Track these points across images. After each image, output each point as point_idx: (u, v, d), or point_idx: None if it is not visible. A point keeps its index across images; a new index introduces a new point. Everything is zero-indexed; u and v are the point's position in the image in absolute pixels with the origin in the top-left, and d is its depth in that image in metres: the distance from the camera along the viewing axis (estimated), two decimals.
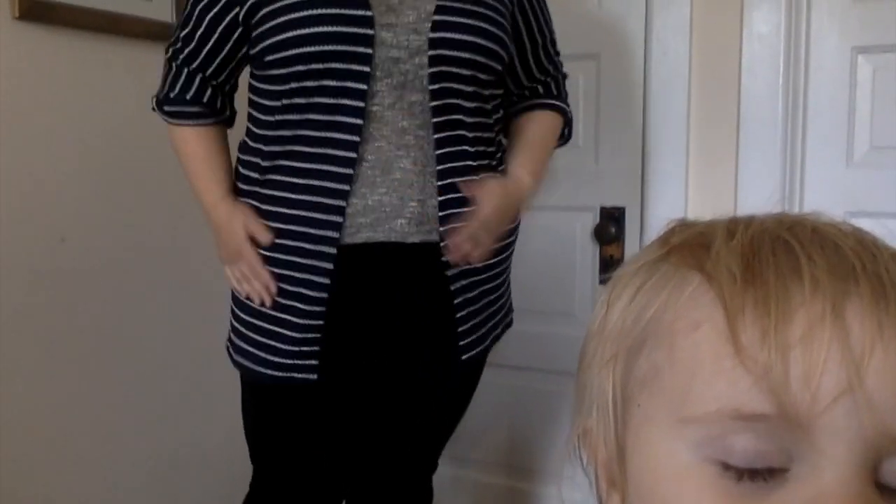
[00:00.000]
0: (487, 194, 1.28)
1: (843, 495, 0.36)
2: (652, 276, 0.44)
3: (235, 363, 1.35)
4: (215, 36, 1.29)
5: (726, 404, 0.37)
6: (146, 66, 1.47)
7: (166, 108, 1.36)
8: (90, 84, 1.69)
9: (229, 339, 1.37)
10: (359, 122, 1.22)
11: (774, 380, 0.36)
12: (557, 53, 1.45)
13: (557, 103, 1.44)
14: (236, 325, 1.34)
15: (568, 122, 1.47)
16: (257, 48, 1.25)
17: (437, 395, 1.39)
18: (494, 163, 1.35)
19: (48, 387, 1.65)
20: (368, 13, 1.21)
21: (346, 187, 1.23)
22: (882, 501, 0.37)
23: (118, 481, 1.78)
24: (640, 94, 1.77)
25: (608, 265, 1.81)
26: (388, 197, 1.25)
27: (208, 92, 1.34)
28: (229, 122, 1.40)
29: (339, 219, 1.24)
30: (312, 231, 1.25)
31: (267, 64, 1.25)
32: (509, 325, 1.47)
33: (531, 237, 1.43)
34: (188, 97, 1.33)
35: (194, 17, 1.29)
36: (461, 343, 1.33)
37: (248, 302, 1.31)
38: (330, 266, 1.25)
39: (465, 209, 1.27)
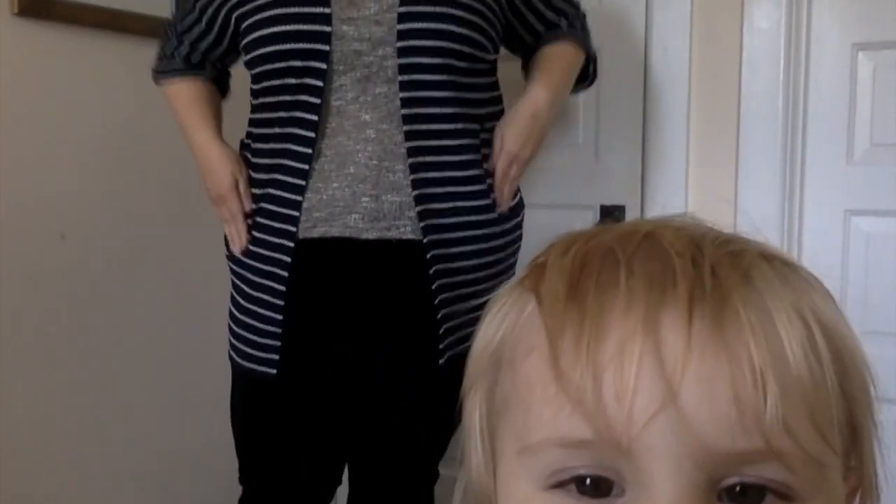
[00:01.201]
0: (503, 126, 1.29)
1: None
2: (510, 297, 0.42)
3: (229, 355, 1.38)
4: (205, 19, 1.35)
5: (552, 432, 0.36)
6: (145, 62, 1.47)
7: (159, 69, 1.42)
8: (89, 80, 1.68)
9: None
10: (314, 118, 1.24)
11: (589, 403, 0.35)
12: None
13: (570, 36, 1.38)
14: (228, 317, 1.38)
15: (591, 59, 1.42)
16: (241, 49, 1.32)
17: (410, 399, 1.33)
18: (481, 157, 1.32)
19: (47, 385, 1.64)
20: (326, 10, 1.22)
21: (302, 182, 1.26)
22: None
23: (118, 481, 1.78)
24: (640, 92, 1.76)
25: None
26: (341, 191, 1.25)
27: (199, 56, 1.39)
28: (222, 87, 1.45)
29: (295, 213, 1.26)
30: (273, 224, 1.28)
31: (246, 64, 1.32)
32: None
33: (531, 236, 1.42)
34: (179, 55, 1.39)
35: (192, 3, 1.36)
36: (441, 346, 1.28)
37: (232, 293, 1.36)
38: (288, 259, 1.27)
39: (441, 205, 1.25)
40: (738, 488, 0.35)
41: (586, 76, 1.45)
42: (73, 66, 1.66)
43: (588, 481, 0.36)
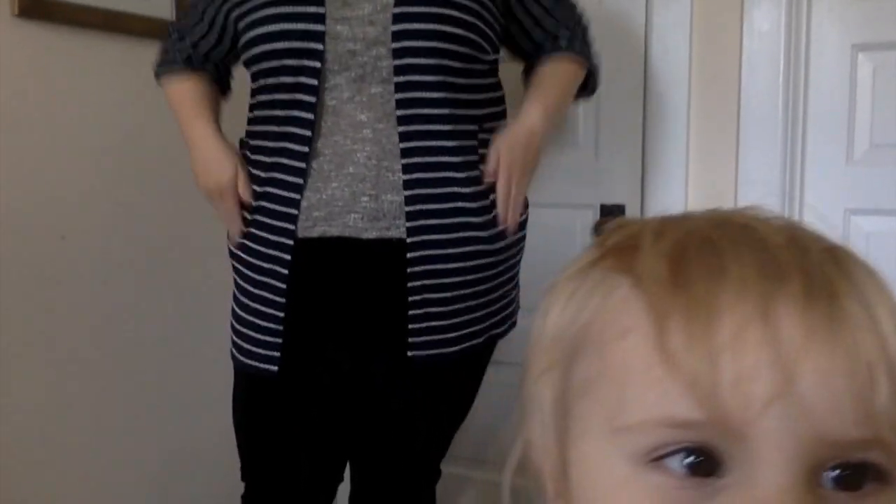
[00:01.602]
0: (496, 149, 1.28)
1: (780, 502, 0.35)
2: (584, 281, 0.42)
3: (231, 353, 1.38)
4: (207, 19, 1.37)
5: (658, 413, 0.36)
6: (145, 63, 1.47)
7: (161, 68, 1.43)
8: (90, 81, 1.69)
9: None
10: (310, 116, 1.24)
11: (704, 386, 0.35)
12: (574, 6, 1.40)
13: (570, 53, 1.37)
14: (231, 314, 1.38)
15: (591, 72, 1.42)
16: (239, 48, 1.32)
17: (409, 398, 1.32)
18: (479, 157, 1.31)
19: (48, 386, 1.65)
20: (320, 10, 1.23)
21: (300, 181, 1.26)
22: None
23: (118, 480, 1.78)
24: (640, 92, 1.77)
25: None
26: (341, 191, 1.25)
27: (200, 56, 1.40)
28: (223, 86, 1.45)
29: (294, 211, 1.27)
30: (273, 222, 1.28)
31: (244, 63, 1.32)
32: (511, 326, 1.41)
33: (530, 235, 1.42)
34: (181, 55, 1.40)
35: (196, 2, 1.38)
36: (411, 341, 1.27)
37: (234, 291, 1.36)
38: (288, 257, 1.27)
39: (437, 205, 1.25)
40: (841, 474, 0.36)
41: (586, 86, 1.44)
42: (74, 67, 1.66)
43: (693, 457, 0.36)
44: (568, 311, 0.42)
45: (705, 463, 0.36)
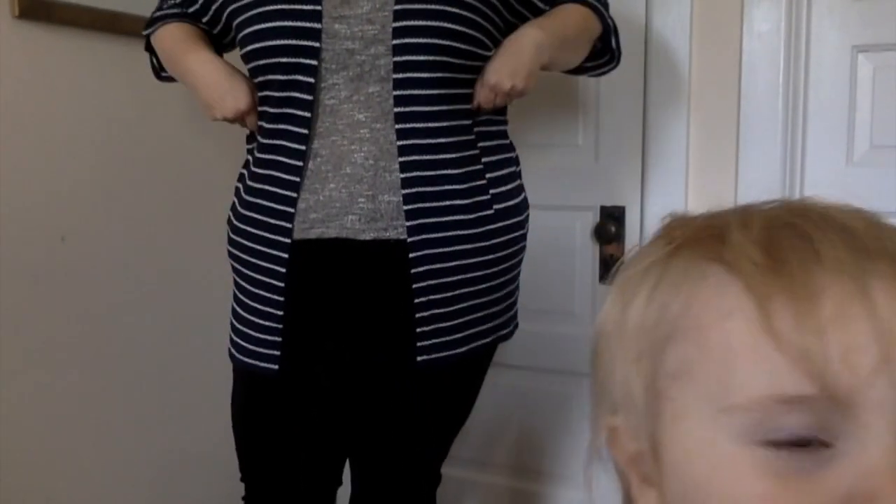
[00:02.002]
0: (487, 65, 1.26)
1: (891, 467, 0.37)
2: (667, 272, 0.44)
3: (229, 352, 1.38)
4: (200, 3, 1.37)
5: (769, 389, 0.39)
6: (145, 64, 1.47)
7: (148, 30, 1.40)
8: (90, 82, 1.68)
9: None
10: (307, 114, 1.24)
11: (814, 361, 0.37)
12: None
13: (579, 4, 1.34)
14: (231, 314, 1.38)
15: (611, 30, 1.38)
16: (238, 45, 1.31)
17: (407, 401, 1.31)
18: (478, 152, 1.30)
19: (48, 386, 1.64)
20: (317, 7, 1.22)
21: (296, 178, 1.25)
22: None
23: (118, 481, 1.78)
24: (640, 92, 1.77)
25: (608, 265, 1.81)
26: (338, 192, 1.24)
27: (189, 8, 1.38)
28: (215, 41, 1.41)
29: (290, 209, 1.26)
30: (270, 220, 1.28)
31: (242, 59, 1.31)
32: (515, 328, 1.42)
33: (531, 236, 1.42)
34: (165, 6, 1.39)
35: None
36: (419, 345, 1.26)
37: (234, 290, 1.36)
38: (285, 256, 1.26)
39: (435, 203, 1.25)
40: None
41: (608, 51, 1.40)
42: (74, 68, 1.66)
43: (802, 431, 0.38)
44: (655, 302, 0.44)
45: (814, 433, 0.38)
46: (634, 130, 1.78)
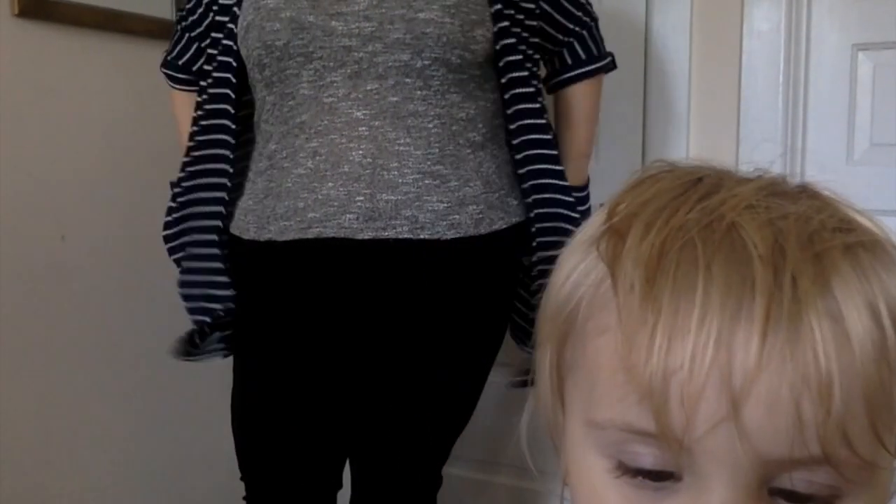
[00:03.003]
0: None
1: None
2: (585, 257, 0.44)
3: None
4: (209, 17, 1.37)
5: (618, 417, 0.39)
6: (146, 63, 1.48)
7: (163, 71, 1.45)
8: (90, 81, 1.69)
9: None
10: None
11: (655, 402, 0.37)
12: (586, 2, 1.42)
13: (591, 68, 1.42)
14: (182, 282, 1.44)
15: (608, 59, 1.45)
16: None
17: (406, 403, 1.30)
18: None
19: (47, 386, 1.64)
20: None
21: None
22: None
23: (118, 480, 1.78)
24: (640, 92, 1.77)
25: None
26: (336, 191, 1.22)
27: (201, 61, 1.39)
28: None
29: (221, 209, 1.32)
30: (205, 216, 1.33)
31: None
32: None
33: None
34: (181, 63, 1.42)
35: None
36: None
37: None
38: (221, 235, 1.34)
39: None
40: (787, 489, 0.38)
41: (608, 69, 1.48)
42: (74, 66, 1.66)
43: (651, 459, 0.39)
44: (566, 288, 0.44)
45: (662, 464, 0.39)
46: (634, 130, 1.78)
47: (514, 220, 1.33)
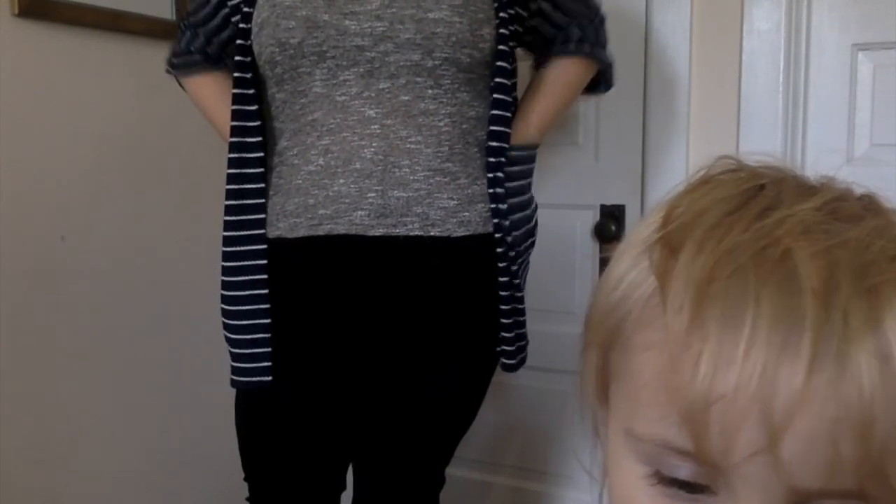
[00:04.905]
0: None
1: None
2: (637, 264, 0.43)
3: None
4: (221, 15, 1.37)
5: (659, 433, 0.40)
6: (146, 63, 1.48)
7: (174, 62, 1.42)
8: (90, 81, 1.69)
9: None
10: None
11: (695, 428, 0.37)
12: (588, 1, 1.38)
13: (578, 56, 1.35)
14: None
15: (604, 70, 1.40)
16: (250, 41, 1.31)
17: (413, 402, 1.31)
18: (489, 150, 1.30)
19: (48, 386, 1.65)
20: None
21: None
22: None
23: (118, 481, 1.78)
24: (640, 92, 1.77)
25: (608, 264, 1.81)
26: (347, 188, 1.23)
27: (217, 48, 1.39)
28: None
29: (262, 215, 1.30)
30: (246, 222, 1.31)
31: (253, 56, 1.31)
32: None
33: None
34: (193, 48, 1.40)
35: None
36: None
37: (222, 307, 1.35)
38: (264, 262, 1.30)
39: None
40: None
41: (599, 83, 1.43)
42: (74, 66, 1.66)
43: (687, 475, 0.40)
44: (616, 295, 0.44)
45: (699, 477, 0.39)
46: (634, 129, 1.78)
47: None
